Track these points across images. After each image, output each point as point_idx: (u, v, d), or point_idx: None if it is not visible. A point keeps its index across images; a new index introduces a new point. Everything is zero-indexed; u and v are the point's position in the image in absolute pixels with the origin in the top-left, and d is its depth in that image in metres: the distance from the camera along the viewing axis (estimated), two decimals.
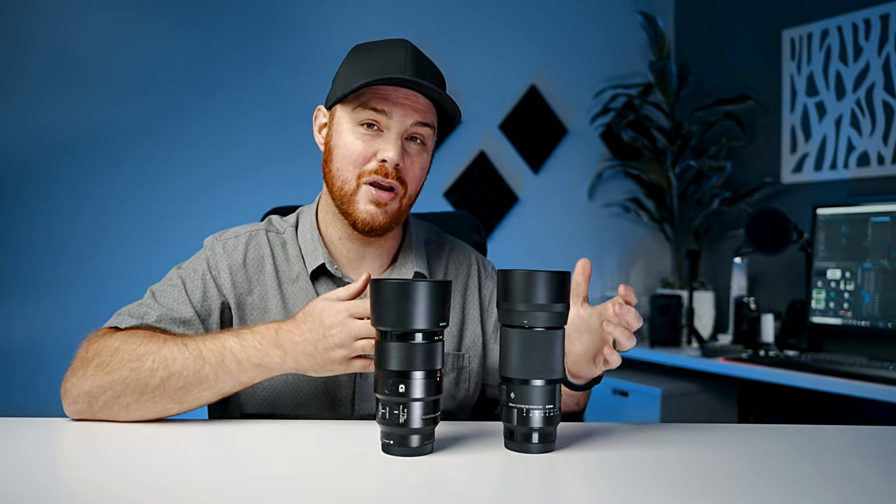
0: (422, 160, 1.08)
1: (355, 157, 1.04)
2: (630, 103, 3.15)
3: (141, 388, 0.93)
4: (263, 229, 1.15)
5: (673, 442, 0.94)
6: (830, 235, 2.44)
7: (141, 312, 1.05)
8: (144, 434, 0.92)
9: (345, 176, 1.05)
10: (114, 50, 2.24)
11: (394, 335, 0.82)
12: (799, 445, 0.95)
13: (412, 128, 1.05)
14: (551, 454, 0.85)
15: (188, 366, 0.93)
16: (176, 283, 1.08)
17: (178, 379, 0.93)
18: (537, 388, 0.84)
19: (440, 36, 2.76)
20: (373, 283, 0.83)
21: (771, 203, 2.86)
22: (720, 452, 0.89)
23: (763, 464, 0.84)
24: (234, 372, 0.94)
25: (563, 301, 0.84)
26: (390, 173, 1.04)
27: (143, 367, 0.93)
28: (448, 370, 1.14)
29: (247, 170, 2.41)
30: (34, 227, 2.15)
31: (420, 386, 0.82)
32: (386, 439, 0.83)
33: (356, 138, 1.05)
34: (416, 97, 1.05)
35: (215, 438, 0.92)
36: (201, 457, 0.85)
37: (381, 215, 1.05)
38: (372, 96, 1.03)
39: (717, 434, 0.99)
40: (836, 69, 2.72)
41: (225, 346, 0.94)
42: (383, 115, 1.04)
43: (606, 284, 3.19)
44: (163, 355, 0.94)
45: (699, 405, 2.72)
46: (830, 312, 2.42)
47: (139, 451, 0.86)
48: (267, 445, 0.89)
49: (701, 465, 0.84)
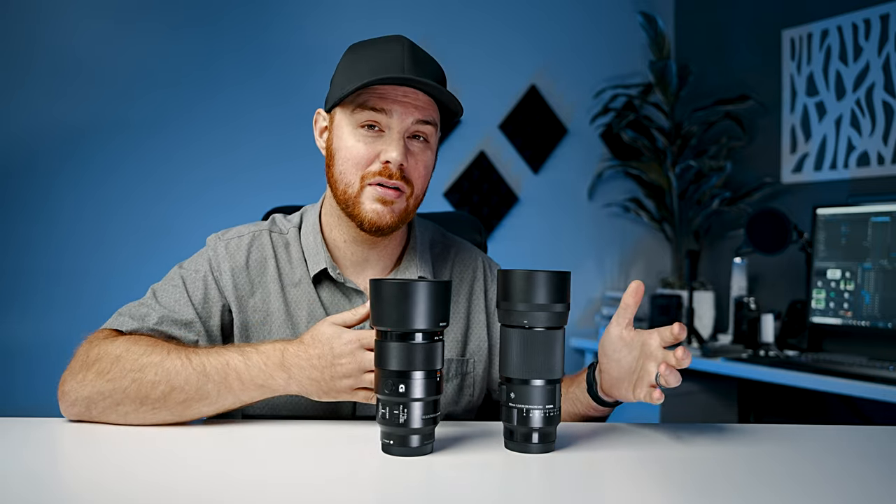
0: (426, 158, 1.06)
1: (358, 160, 1.03)
2: (630, 103, 3.15)
3: (141, 399, 0.93)
4: (267, 230, 1.14)
5: (673, 442, 0.94)
6: (830, 235, 2.44)
7: (142, 313, 1.04)
8: (145, 435, 0.92)
9: (348, 179, 1.04)
10: (116, 52, 2.24)
11: (394, 335, 0.82)
12: (799, 445, 0.95)
13: (414, 126, 1.03)
14: (551, 454, 0.85)
15: (191, 381, 0.93)
16: (177, 283, 1.07)
17: (180, 393, 0.93)
18: (537, 388, 0.83)
19: (440, 36, 2.76)
20: (372, 283, 0.83)
21: (771, 203, 2.86)
22: (720, 452, 0.89)
23: (763, 464, 0.84)
24: (235, 390, 0.93)
25: (563, 301, 0.84)
26: (394, 174, 1.02)
27: (145, 378, 0.93)
28: (451, 376, 1.13)
29: (248, 170, 2.41)
30: (35, 227, 2.15)
31: (420, 386, 0.82)
32: (386, 439, 0.83)
33: (357, 140, 1.03)
34: (415, 94, 1.03)
35: (215, 439, 0.92)
36: (201, 457, 0.85)
37: (387, 214, 1.03)
38: (370, 97, 1.02)
39: (717, 434, 0.99)
40: (836, 69, 2.72)
41: (229, 364, 0.93)
42: (383, 114, 1.02)
43: (607, 285, 3.19)
44: (166, 368, 0.93)
45: (699, 405, 2.71)
46: (830, 312, 2.42)
47: (139, 452, 0.86)
48: (267, 446, 0.89)
49: (701, 465, 0.84)
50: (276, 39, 2.47)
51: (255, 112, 2.43)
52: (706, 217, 3.07)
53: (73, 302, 2.14)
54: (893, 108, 2.56)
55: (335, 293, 1.11)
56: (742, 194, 2.95)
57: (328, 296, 1.11)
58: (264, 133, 2.44)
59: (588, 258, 3.16)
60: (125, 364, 0.94)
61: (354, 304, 1.10)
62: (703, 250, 3.16)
